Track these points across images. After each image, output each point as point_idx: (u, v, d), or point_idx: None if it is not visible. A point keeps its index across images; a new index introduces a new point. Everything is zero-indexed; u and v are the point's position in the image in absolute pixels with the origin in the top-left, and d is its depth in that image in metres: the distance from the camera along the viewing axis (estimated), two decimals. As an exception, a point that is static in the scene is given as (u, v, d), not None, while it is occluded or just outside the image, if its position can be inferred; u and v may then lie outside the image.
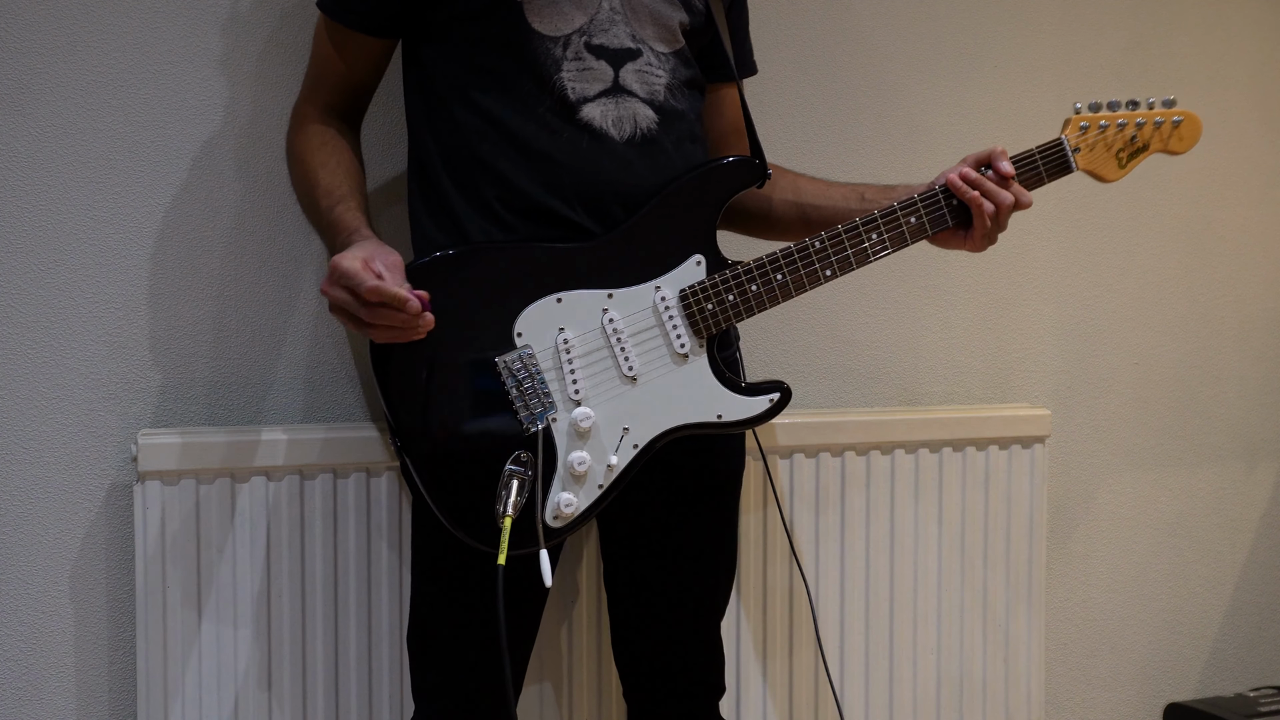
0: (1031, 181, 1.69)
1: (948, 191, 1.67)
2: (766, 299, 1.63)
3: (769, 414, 1.64)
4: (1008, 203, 1.66)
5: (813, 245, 1.64)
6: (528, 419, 1.56)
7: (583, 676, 2.01)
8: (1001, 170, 1.66)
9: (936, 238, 1.70)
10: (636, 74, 1.62)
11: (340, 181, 1.64)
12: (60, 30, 1.84)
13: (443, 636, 1.66)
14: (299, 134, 1.72)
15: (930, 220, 1.67)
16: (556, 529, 1.58)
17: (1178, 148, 1.76)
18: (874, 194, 1.75)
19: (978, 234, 1.67)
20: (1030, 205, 1.68)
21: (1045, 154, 1.70)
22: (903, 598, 2.16)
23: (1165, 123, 1.74)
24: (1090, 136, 1.71)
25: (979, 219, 1.66)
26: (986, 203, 1.65)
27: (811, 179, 1.84)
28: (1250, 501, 2.58)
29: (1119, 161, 1.73)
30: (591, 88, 1.60)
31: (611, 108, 1.61)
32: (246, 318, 1.93)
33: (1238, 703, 2.47)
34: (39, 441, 1.86)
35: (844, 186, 1.81)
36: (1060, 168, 1.70)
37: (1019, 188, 1.67)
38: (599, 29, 1.61)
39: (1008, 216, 1.67)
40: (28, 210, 1.84)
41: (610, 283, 1.60)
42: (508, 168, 1.59)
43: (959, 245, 1.71)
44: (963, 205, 1.67)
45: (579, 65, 1.59)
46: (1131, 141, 1.73)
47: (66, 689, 1.89)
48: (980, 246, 1.70)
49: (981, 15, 2.32)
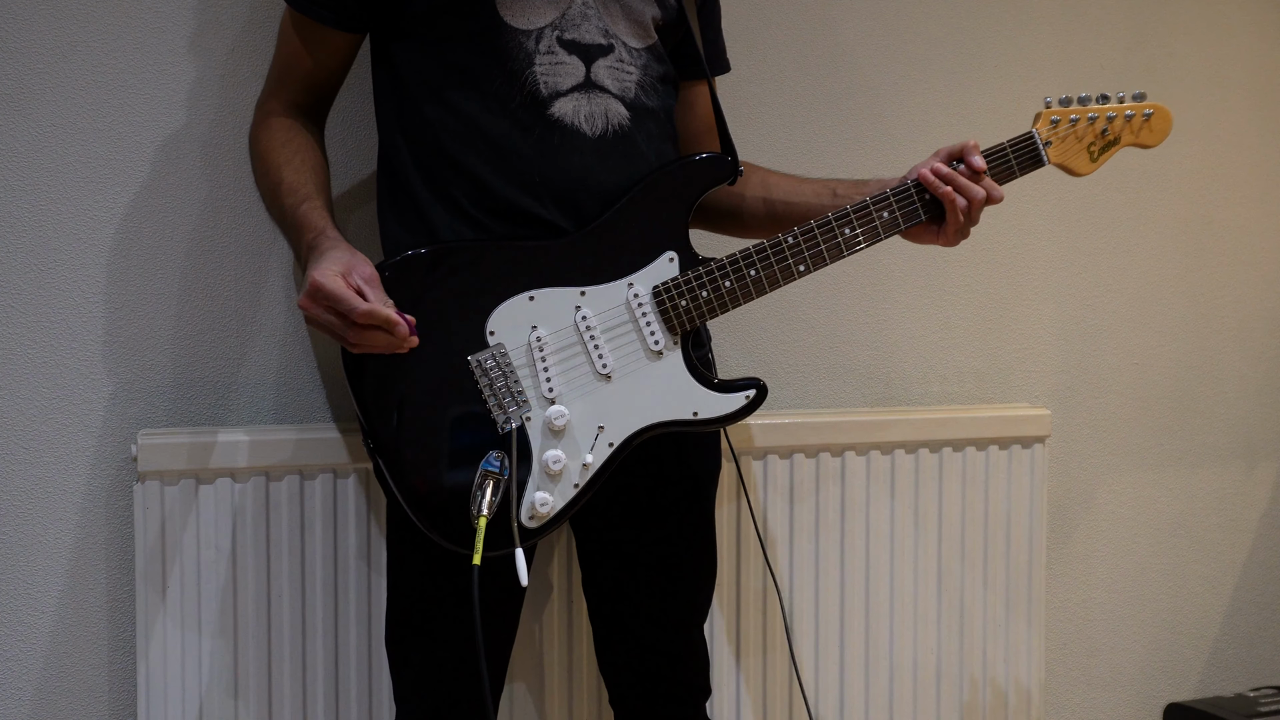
0: (1003, 175, 1.69)
1: (920, 186, 1.66)
2: (740, 295, 1.62)
3: (744, 411, 1.63)
4: (979, 198, 1.65)
5: (786, 241, 1.63)
6: (501, 418, 1.55)
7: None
8: (974, 165, 1.66)
9: (909, 233, 1.69)
10: (608, 69, 1.61)
11: (305, 179, 1.62)
12: (60, 30, 1.84)
13: (419, 639, 1.65)
14: (262, 130, 1.69)
15: (903, 215, 1.67)
16: (532, 529, 1.56)
17: (1149, 140, 1.75)
18: (846, 189, 1.74)
19: (950, 229, 1.67)
20: (1002, 200, 1.67)
21: (1016, 147, 1.69)
22: (902, 597, 2.15)
23: (1136, 115, 1.73)
24: (1061, 130, 1.71)
25: (952, 214, 1.65)
26: (959, 198, 1.65)
27: (783, 175, 1.83)
28: (1250, 501, 2.58)
29: (1090, 155, 1.72)
30: (563, 82, 1.59)
31: (584, 103, 1.60)
32: (247, 317, 1.93)
33: (1238, 703, 2.47)
34: (39, 441, 1.86)
35: (815, 182, 1.80)
36: (1032, 161, 1.70)
37: (990, 182, 1.66)
38: (571, 24, 1.60)
39: (980, 211, 1.67)
40: (28, 210, 1.84)
41: (583, 280, 1.59)
42: (478, 165, 1.58)
43: (931, 240, 1.70)
44: (935, 200, 1.66)
45: (551, 60, 1.58)
46: (1103, 135, 1.73)
47: (66, 689, 1.89)
48: (953, 241, 1.69)
49: (980, 15, 2.32)
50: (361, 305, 1.45)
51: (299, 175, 1.63)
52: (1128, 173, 2.40)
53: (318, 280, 1.46)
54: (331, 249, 1.51)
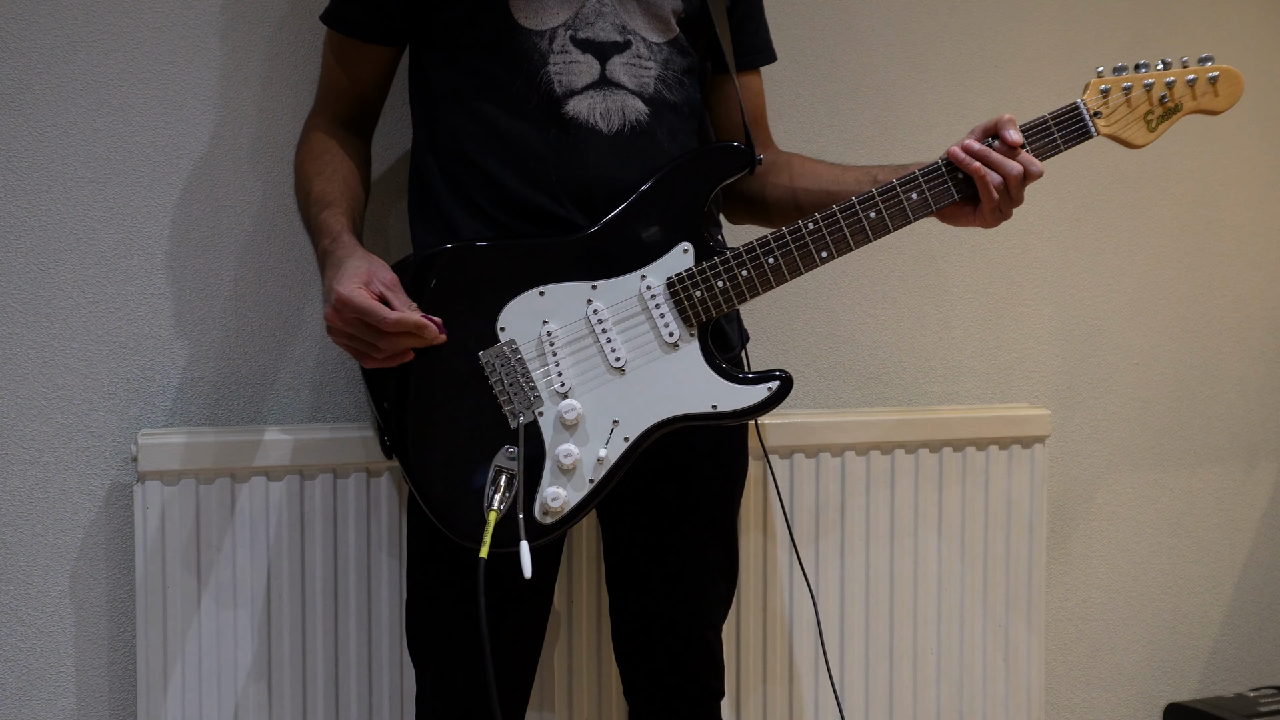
0: (1046, 150, 1.60)
1: (950, 164, 1.60)
2: (759, 284, 1.59)
3: (768, 404, 1.58)
4: (1015, 173, 1.57)
5: (805, 227, 1.59)
6: (512, 413, 1.56)
7: (583, 680, 2.01)
8: (1008, 139, 1.58)
9: (947, 215, 1.63)
10: (625, 66, 1.61)
11: (332, 188, 1.64)
12: (60, 30, 1.84)
13: (437, 639, 1.66)
14: (302, 145, 1.74)
15: (934, 195, 1.60)
16: (547, 525, 1.55)
17: (1215, 106, 1.64)
18: (886, 175, 1.66)
19: (986, 208, 1.60)
20: (1041, 175, 1.59)
21: (1060, 120, 1.61)
22: (903, 598, 2.15)
23: (1199, 79, 1.62)
24: (1113, 99, 1.60)
25: (984, 192, 1.58)
26: (991, 173, 1.57)
27: (825, 164, 1.78)
28: (1250, 501, 2.58)
29: (1148, 124, 1.61)
30: (578, 81, 1.59)
31: (599, 100, 1.60)
32: (246, 318, 1.93)
33: (1238, 703, 2.47)
34: (39, 441, 1.86)
35: (857, 170, 1.73)
36: (1079, 134, 1.61)
37: (1028, 156, 1.58)
38: (584, 23, 1.60)
39: (1020, 188, 1.59)
40: (28, 210, 1.84)
41: (594, 274, 1.59)
42: (497, 168, 1.59)
43: (969, 222, 1.63)
44: (969, 179, 1.59)
45: (565, 59, 1.59)
46: (1162, 102, 1.61)
47: (66, 689, 1.89)
48: (992, 221, 1.62)
49: (981, 15, 2.32)
50: (390, 315, 1.46)
51: (327, 184, 1.65)
52: (1128, 173, 2.40)
53: (343, 294, 1.47)
54: (347, 257, 1.52)
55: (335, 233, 1.57)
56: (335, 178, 1.66)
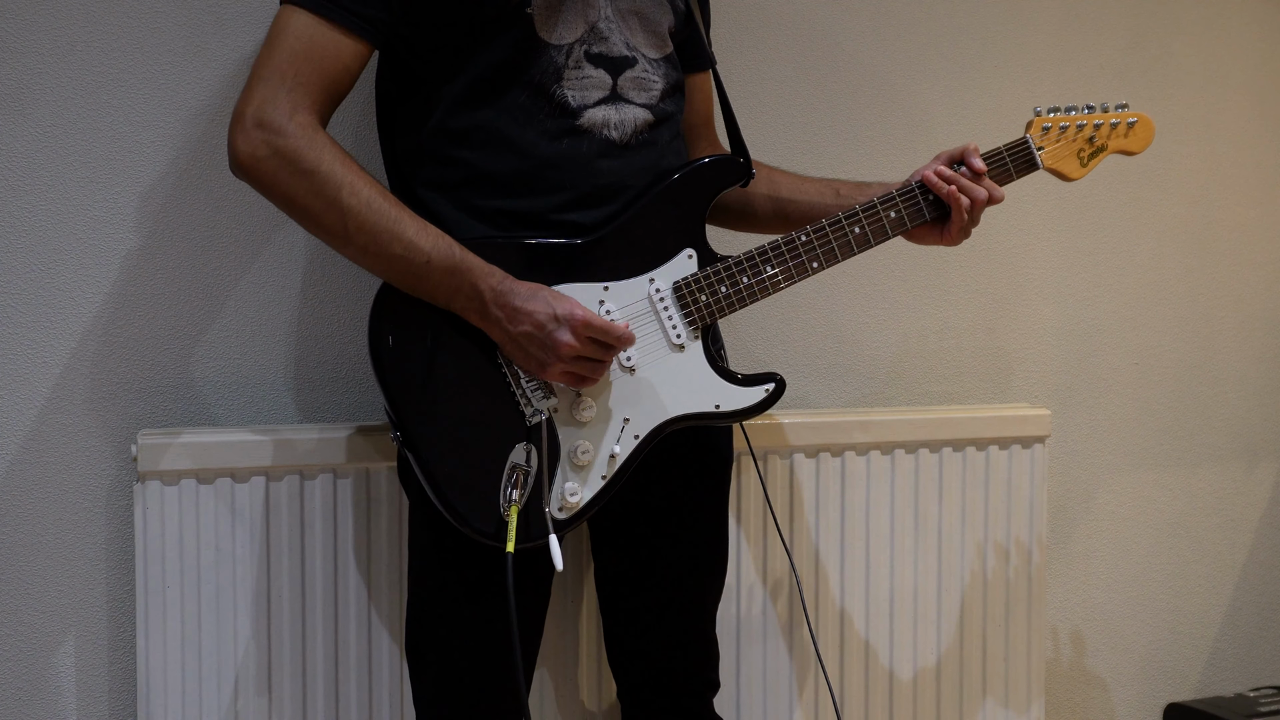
0: (1001, 178, 1.76)
1: (924, 187, 1.73)
2: (758, 290, 1.68)
3: (765, 404, 1.67)
4: (982, 198, 1.72)
5: (799, 238, 1.69)
6: (529, 411, 1.58)
7: (582, 674, 2.01)
8: (975, 167, 1.73)
9: (914, 233, 1.76)
10: (633, 81, 1.65)
11: (414, 218, 1.53)
12: (60, 30, 1.84)
13: (444, 641, 1.66)
14: (310, 147, 1.51)
15: (909, 214, 1.73)
16: (563, 520, 1.58)
17: (1133, 147, 1.84)
18: (848, 190, 1.81)
19: (955, 228, 1.73)
20: (1002, 200, 1.74)
21: (1013, 152, 1.78)
22: (903, 598, 2.16)
23: (1120, 124, 1.83)
24: (1052, 136, 1.80)
25: (956, 213, 1.72)
26: (963, 198, 1.71)
27: (785, 173, 1.88)
28: (1250, 501, 2.58)
29: (1080, 160, 1.82)
30: (591, 95, 1.62)
31: (612, 114, 1.63)
32: (246, 317, 1.93)
33: (1238, 703, 2.47)
34: (39, 441, 1.86)
35: (818, 181, 1.86)
36: (1027, 164, 1.78)
37: (991, 183, 1.74)
38: (598, 38, 1.63)
39: (981, 211, 1.74)
40: (28, 210, 1.84)
41: (605, 276, 1.62)
42: (507, 176, 1.60)
43: (935, 240, 1.77)
44: (938, 200, 1.73)
45: (579, 74, 1.61)
46: (1090, 142, 1.82)
47: (66, 689, 1.89)
48: (956, 240, 1.75)
49: (981, 15, 2.33)
50: (626, 329, 1.55)
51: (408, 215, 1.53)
52: (1128, 173, 2.40)
53: (583, 315, 1.52)
54: (521, 285, 1.54)
55: (486, 267, 1.53)
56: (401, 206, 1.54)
